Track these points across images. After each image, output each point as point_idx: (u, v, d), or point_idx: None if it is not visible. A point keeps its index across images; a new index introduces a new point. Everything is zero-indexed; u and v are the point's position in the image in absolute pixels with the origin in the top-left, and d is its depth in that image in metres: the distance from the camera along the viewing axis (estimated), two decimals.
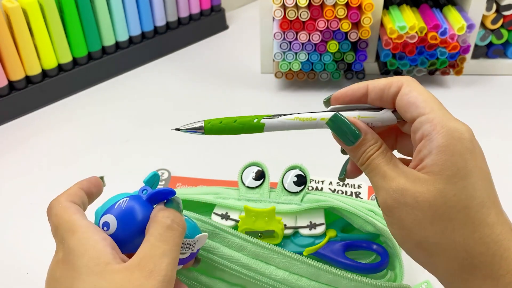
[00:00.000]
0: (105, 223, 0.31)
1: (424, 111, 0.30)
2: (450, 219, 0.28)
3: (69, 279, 0.27)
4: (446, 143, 0.29)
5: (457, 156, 0.28)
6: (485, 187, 0.29)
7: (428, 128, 0.29)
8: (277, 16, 0.63)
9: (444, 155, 0.28)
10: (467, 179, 0.28)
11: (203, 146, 0.62)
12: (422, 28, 0.64)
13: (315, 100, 0.69)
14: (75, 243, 0.28)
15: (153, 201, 0.32)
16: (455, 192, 0.28)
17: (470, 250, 0.27)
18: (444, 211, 0.28)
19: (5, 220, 0.52)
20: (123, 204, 0.31)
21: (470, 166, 0.28)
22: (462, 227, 0.27)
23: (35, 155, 0.61)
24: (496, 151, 0.60)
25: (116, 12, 0.72)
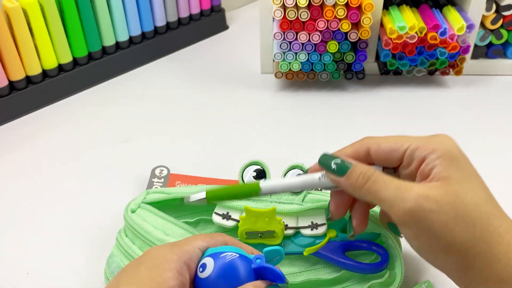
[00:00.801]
0: (203, 264, 0.30)
1: (405, 147, 0.33)
2: (469, 216, 0.29)
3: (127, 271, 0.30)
4: (444, 153, 0.31)
5: (457, 160, 0.31)
6: (483, 185, 0.32)
7: (420, 153, 0.32)
8: (277, 16, 0.63)
9: (447, 161, 0.31)
10: (471, 179, 0.31)
11: (204, 145, 0.62)
12: (421, 28, 0.64)
13: (315, 100, 0.70)
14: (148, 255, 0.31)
15: (259, 274, 0.31)
16: (467, 192, 0.30)
17: (489, 242, 0.29)
18: (463, 210, 0.29)
19: (5, 220, 0.52)
20: (229, 258, 0.30)
21: (468, 168, 0.32)
22: (479, 222, 0.29)
23: (35, 155, 0.61)
24: (496, 151, 0.60)
25: (116, 12, 0.72)
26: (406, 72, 0.70)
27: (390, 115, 0.66)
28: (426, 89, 0.71)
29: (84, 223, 0.51)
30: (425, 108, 0.67)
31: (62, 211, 0.53)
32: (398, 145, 0.33)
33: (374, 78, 0.73)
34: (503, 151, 0.60)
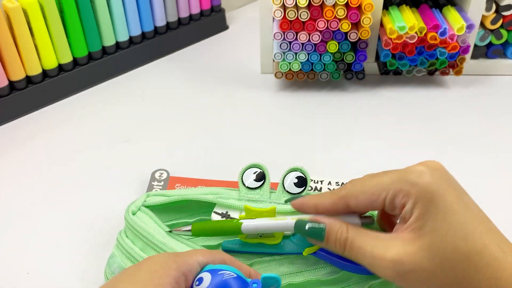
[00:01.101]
0: (200, 278, 0.31)
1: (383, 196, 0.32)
2: (448, 261, 0.29)
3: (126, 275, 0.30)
4: (419, 197, 0.30)
5: (433, 201, 0.30)
6: (461, 218, 0.30)
7: (399, 201, 0.31)
8: (277, 16, 0.63)
9: (422, 207, 0.30)
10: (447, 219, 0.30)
11: (203, 147, 0.62)
12: (421, 28, 0.64)
13: (315, 100, 0.70)
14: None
15: None
16: (442, 237, 0.29)
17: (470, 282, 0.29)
18: (440, 259, 0.29)
19: (5, 220, 0.52)
20: (226, 276, 0.30)
21: (447, 203, 0.30)
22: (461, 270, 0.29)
23: (35, 155, 0.61)
24: (496, 152, 0.60)
25: (116, 12, 0.72)
26: (406, 72, 0.70)
27: (390, 115, 0.66)
28: (426, 89, 0.71)
29: (84, 223, 0.51)
30: (425, 108, 0.67)
31: (62, 211, 0.53)
32: (375, 196, 0.32)
33: (374, 78, 0.73)
34: (504, 151, 0.60)
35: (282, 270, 0.40)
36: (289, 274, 0.41)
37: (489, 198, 0.53)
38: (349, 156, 0.59)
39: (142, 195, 0.45)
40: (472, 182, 0.55)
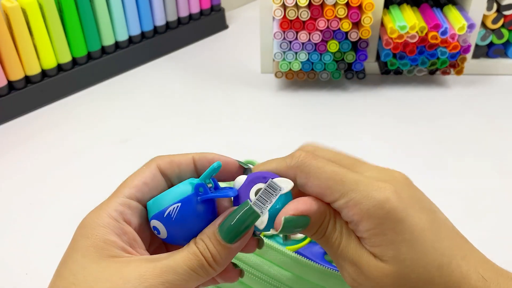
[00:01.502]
0: (154, 227, 0.28)
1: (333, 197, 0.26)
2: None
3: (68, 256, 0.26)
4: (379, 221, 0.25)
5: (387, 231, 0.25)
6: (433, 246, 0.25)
7: (348, 214, 0.26)
8: (277, 15, 0.63)
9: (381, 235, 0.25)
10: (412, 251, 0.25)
11: (203, 144, 0.62)
12: (422, 28, 0.64)
13: (315, 100, 0.69)
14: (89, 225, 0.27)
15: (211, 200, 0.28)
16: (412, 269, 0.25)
17: None
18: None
19: (4, 220, 0.52)
20: (173, 214, 0.27)
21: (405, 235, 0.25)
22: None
23: (34, 155, 0.61)
24: (497, 151, 0.59)
25: (116, 11, 0.72)
26: (407, 72, 0.70)
27: (391, 115, 0.66)
28: (427, 88, 0.70)
29: None
30: (425, 108, 0.67)
31: (61, 211, 0.53)
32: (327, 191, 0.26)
33: (375, 78, 0.73)
34: (504, 151, 0.60)
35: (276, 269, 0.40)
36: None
37: (490, 198, 0.53)
38: None
39: None
40: (473, 182, 0.55)
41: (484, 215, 0.51)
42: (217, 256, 0.26)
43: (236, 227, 0.26)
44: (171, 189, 0.28)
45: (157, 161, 0.30)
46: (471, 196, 0.53)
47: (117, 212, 0.27)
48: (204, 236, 0.26)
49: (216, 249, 0.26)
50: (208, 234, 0.26)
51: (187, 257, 0.25)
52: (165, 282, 0.24)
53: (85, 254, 0.25)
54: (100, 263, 0.25)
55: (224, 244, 0.26)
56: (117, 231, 0.26)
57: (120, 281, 0.24)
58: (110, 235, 0.26)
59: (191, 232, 0.27)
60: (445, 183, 0.55)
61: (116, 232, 0.26)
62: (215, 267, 0.26)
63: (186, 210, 0.27)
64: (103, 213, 0.27)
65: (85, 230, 0.26)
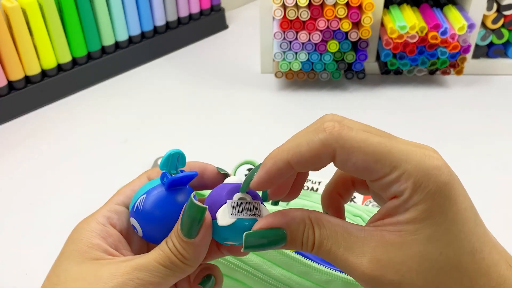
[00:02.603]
0: (133, 226, 0.28)
1: (384, 171, 0.23)
2: (444, 283, 0.24)
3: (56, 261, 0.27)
4: (424, 197, 0.23)
5: (437, 208, 0.23)
6: (471, 229, 0.24)
7: (399, 188, 0.23)
8: (277, 15, 0.63)
9: (421, 212, 0.23)
10: (451, 231, 0.23)
11: (203, 146, 0.62)
12: (422, 28, 0.64)
13: (315, 100, 0.69)
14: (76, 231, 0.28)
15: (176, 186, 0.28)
16: (441, 251, 0.23)
17: None
18: (435, 276, 0.23)
19: (4, 220, 0.52)
20: (140, 206, 0.27)
21: (453, 213, 0.24)
22: (459, 285, 0.24)
23: (34, 155, 0.61)
24: (497, 151, 0.59)
25: (116, 11, 0.72)
26: (407, 72, 0.70)
27: (391, 115, 0.66)
28: (427, 88, 0.70)
29: None
30: (426, 108, 0.67)
31: (61, 211, 0.53)
32: (377, 165, 0.23)
33: (375, 78, 0.73)
34: (504, 150, 0.60)
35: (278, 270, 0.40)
36: None
37: (490, 198, 0.53)
38: None
39: None
40: (473, 181, 0.55)
41: (484, 215, 0.51)
42: (183, 252, 0.26)
43: (188, 222, 0.26)
44: (143, 186, 0.29)
45: (148, 172, 0.31)
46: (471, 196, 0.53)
47: (104, 217, 0.28)
48: (171, 234, 0.27)
49: (181, 245, 0.26)
50: (174, 231, 0.27)
51: (158, 254, 0.26)
52: (136, 278, 0.25)
53: (69, 258, 0.26)
54: (81, 265, 0.26)
55: (186, 240, 0.26)
56: (102, 234, 0.27)
57: (93, 279, 0.25)
58: (94, 238, 0.27)
59: (165, 227, 0.27)
60: None
61: (101, 235, 0.27)
62: (187, 262, 0.26)
63: (151, 200, 0.27)
64: (91, 219, 0.28)
65: (73, 235, 0.28)
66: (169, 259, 0.26)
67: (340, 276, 0.37)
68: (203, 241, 0.26)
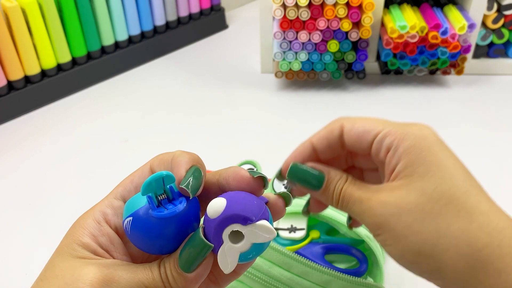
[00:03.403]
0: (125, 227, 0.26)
1: (377, 130, 0.29)
2: (440, 214, 0.26)
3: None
4: (411, 143, 0.28)
5: (426, 151, 0.27)
6: (465, 176, 0.27)
7: (389, 141, 0.28)
8: (277, 15, 0.63)
9: (412, 155, 0.27)
10: (443, 170, 0.27)
11: (203, 144, 0.62)
12: (423, 28, 0.64)
13: (315, 100, 0.69)
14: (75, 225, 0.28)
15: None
16: (436, 185, 0.26)
17: (473, 243, 0.25)
18: (431, 208, 0.26)
19: (4, 220, 0.52)
20: (128, 228, 0.25)
21: (442, 157, 0.27)
22: (456, 219, 0.25)
23: (34, 154, 0.61)
24: (497, 151, 0.59)
25: (116, 11, 0.72)
26: (407, 72, 0.70)
27: (391, 115, 0.66)
28: (427, 88, 0.70)
29: None
30: (426, 108, 0.67)
31: (61, 211, 0.53)
32: (371, 127, 0.29)
33: (375, 78, 0.73)
34: (504, 150, 0.60)
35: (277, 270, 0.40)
36: None
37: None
38: None
39: None
40: None
41: None
42: (173, 284, 0.25)
43: (189, 256, 0.25)
44: (135, 196, 0.26)
45: (151, 160, 0.30)
46: None
47: (100, 213, 0.28)
48: (169, 260, 0.25)
49: (173, 276, 0.25)
50: (172, 258, 0.25)
51: (146, 276, 0.25)
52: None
53: (60, 253, 0.27)
54: (66, 262, 0.26)
55: (181, 272, 0.25)
56: (95, 233, 0.27)
57: (70, 279, 0.25)
58: (84, 236, 0.26)
59: (157, 248, 0.25)
60: None
61: (94, 233, 0.27)
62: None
63: (138, 227, 0.25)
64: (88, 215, 0.28)
65: (69, 231, 0.27)
66: (155, 285, 0.25)
67: (340, 276, 0.37)
68: (198, 277, 0.25)
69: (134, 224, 0.25)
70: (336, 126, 0.30)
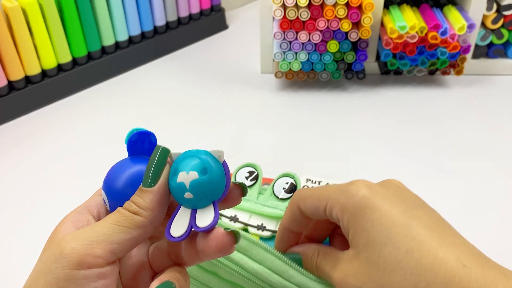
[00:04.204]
0: (103, 201, 0.29)
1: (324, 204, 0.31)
2: (390, 282, 0.26)
3: None
4: (351, 213, 0.29)
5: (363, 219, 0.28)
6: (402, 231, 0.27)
7: (334, 213, 0.30)
8: (277, 15, 0.63)
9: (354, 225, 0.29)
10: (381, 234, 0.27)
11: (203, 144, 0.62)
12: (422, 28, 0.64)
13: (315, 100, 0.69)
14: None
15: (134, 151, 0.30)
16: (379, 253, 0.27)
17: None
18: (381, 277, 0.27)
19: (4, 220, 0.52)
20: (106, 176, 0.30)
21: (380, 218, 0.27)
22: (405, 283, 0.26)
23: (34, 155, 0.61)
24: (497, 151, 0.59)
25: (116, 12, 0.72)
26: (407, 72, 0.70)
27: (391, 115, 0.66)
28: (427, 89, 0.70)
29: None
30: (425, 108, 0.67)
31: (61, 211, 0.53)
32: (319, 202, 0.31)
33: (375, 78, 0.73)
34: (504, 150, 0.60)
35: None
36: None
37: (490, 198, 0.53)
38: (349, 156, 0.59)
39: None
40: (473, 182, 0.55)
41: (485, 215, 0.51)
42: (139, 201, 0.26)
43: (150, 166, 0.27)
44: None
45: None
46: (471, 196, 0.53)
47: (83, 207, 0.30)
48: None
49: (137, 195, 0.26)
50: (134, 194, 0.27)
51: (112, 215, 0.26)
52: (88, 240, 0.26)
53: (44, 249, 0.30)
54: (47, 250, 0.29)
55: (145, 189, 0.26)
56: (73, 219, 0.29)
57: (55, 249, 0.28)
58: (64, 224, 0.29)
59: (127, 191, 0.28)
60: (445, 183, 0.55)
61: (71, 220, 0.29)
62: (142, 213, 0.26)
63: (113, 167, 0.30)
64: (72, 211, 0.30)
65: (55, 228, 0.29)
66: (123, 215, 0.26)
67: None
68: (160, 188, 0.26)
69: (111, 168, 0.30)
70: (294, 207, 0.33)
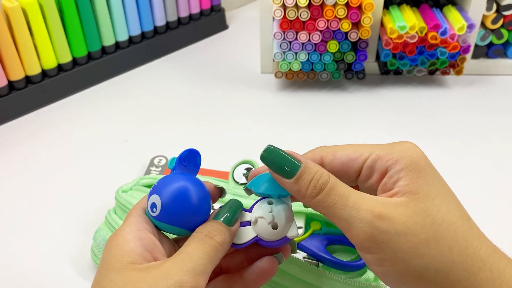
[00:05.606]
0: (152, 204, 0.29)
1: (364, 156, 0.29)
2: (443, 238, 0.25)
3: (98, 272, 0.28)
4: (410, 163, 0.27)
5: (424, 172, 0.27)
6: (456, 201, 0.28)
7: (381, 164, 0.28)
8: (277, 16, 0.63)
9: (414, 173, 0.27)
10: (442, 193, 0.27)
11: (203, 144, 0.62)
12: (422, 28, 0.64)
13: (315, 100, 0.69)
14: (110, 240, 0.28)
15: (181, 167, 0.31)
16: (438, 209, 0.26)
17: (470, 268, 0.25)
18: (435, 230, 0.25)
19: (4, 220, 0.52)
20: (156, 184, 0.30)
21: (438, 181, 0.28)
22: (456, 243, 0.25)
23: (34, 155, 0.61)
24: (497, 152, 0.60)
25: (116, 12, 0.72)
26: (407, 72, 0.70)
27: (391, 115, 0.66)
28: (427, 89, 0.71)
29: (84, 224, 0.51)
30: (425, 108, 0.67)
31: (61, 212, 0.53)
32: (356, 154, 0.28)
33: (375, 78, 0.73)
34: (504, 150, 0.60)
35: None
36: None
37: (490, 198, 0.53)
38: None
39: (135, 178, 0.47)
40: (472, 181, 0.55)
41: (485, 215, 0.51)
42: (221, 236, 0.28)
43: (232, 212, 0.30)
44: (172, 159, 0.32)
45: None
46: (471, 196, 0.53)
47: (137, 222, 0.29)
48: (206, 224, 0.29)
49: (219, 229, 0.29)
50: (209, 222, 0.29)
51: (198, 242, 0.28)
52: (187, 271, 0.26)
53: (110, 267, 0.26)
54: (122, 272, 0.26)
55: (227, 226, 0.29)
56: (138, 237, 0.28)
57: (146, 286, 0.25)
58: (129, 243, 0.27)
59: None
60: None
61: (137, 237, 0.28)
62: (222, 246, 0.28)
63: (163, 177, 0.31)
64: (124, 226, 0.29)
65: (109, 244, 0.28)
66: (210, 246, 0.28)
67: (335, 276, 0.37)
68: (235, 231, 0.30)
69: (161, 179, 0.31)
70: (315, 160, 0.29)
